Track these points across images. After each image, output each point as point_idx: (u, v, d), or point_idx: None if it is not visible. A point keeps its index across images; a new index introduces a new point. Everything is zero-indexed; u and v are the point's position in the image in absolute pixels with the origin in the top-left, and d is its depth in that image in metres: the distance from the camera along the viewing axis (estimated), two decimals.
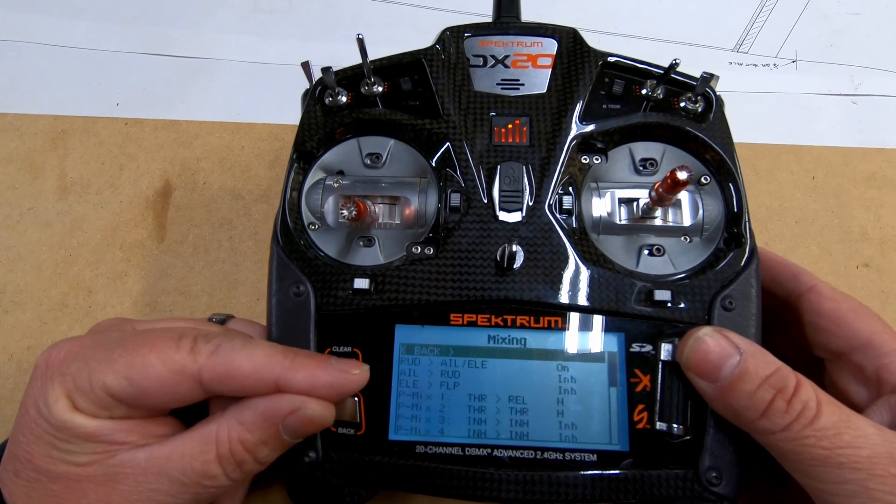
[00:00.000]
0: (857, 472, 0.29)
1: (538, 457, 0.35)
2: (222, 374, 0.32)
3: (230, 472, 0.32)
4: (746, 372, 0.32)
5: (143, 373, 0.31)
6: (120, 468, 0.31)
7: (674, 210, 0.40)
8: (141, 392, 0.31)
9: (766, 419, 0.31)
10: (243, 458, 0.32)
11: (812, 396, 0.31)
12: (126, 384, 0.31)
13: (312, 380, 0.32)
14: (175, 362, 0.31)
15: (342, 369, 0.33)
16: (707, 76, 0.40)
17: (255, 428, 0.32)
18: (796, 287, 0.39)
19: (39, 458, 0.31)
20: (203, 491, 0.32)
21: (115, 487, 0.31)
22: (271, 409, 0.32)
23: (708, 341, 0.33)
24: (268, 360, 0.32)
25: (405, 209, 0.40)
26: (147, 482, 0.31)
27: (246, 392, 0.32)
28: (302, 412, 0.32)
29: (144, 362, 0.31)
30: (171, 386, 0.31)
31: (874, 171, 0.56)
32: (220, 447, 0.32)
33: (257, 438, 0.32)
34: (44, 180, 0.56)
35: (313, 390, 0.32)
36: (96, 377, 0.31)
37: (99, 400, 0.31)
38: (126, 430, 0.32)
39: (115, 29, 0.63)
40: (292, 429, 0.32)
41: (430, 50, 0.43)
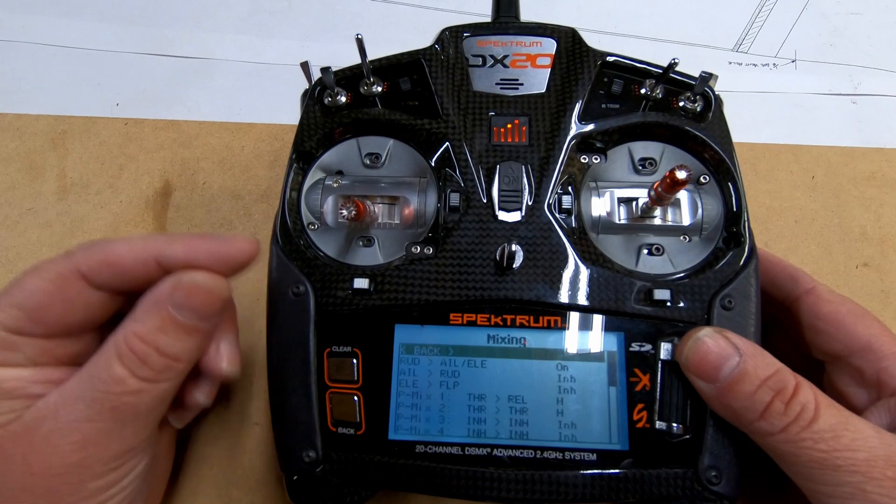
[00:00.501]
0: (854, 474, 0.29)
1: (538, 456, 0.35)
2: (101, 262, 0.31)
3: (136, 370, 0.30)
4: (746, 373, 0.32)
5: (27, 293, 0.30)
6: (37, 414, 0.30)
7: (673, 209, 0.40)
8: (34, 312, 0.30)
9: (764, 420, 0.31)
10: (143, 351, 0.30)
11: (811, 398, 0.31)
12: (16, 312, 0.30)
13: (191, 251, 0.32)
14: (51, 270, 0.31)
15: (225, 239, 0.33)
16: (706, 76, 0.40)
17: (144, 316, 0.31)
18: (795, 290, 0.39)
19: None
20: (118, 402, 0.30)
21: (35, 435, 0.29)
22: (155, 293, 0.31)
23: (707, 342, 0.33)
24: (144, 241, 0.32)
25: (404, 209, 0.40)
26: (65, 415, 0.30)
27: (129, 275, 0.32)
28: (182, 283, 0.31)
29: (23, 286, 0.31)
30: (57, 292, 0.31)
31: (874, 170, 0.56)
32: (118, 348, 0.31)
33: (150, 326, 0.31)
34: (44, 180, 0.56)
35: (194, 261, 0.32)
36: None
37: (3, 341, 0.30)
38: (42, 382, 0.31)
39: (115, 29, 0.63)
40: (183, 304, 0.31)
41: (430, 50, 0.43)
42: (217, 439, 0.47)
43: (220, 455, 0.47)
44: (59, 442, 0.29)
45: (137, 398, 0.31)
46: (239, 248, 0.33)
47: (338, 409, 0.36)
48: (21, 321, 0.30)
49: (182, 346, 0.32)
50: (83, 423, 0.30)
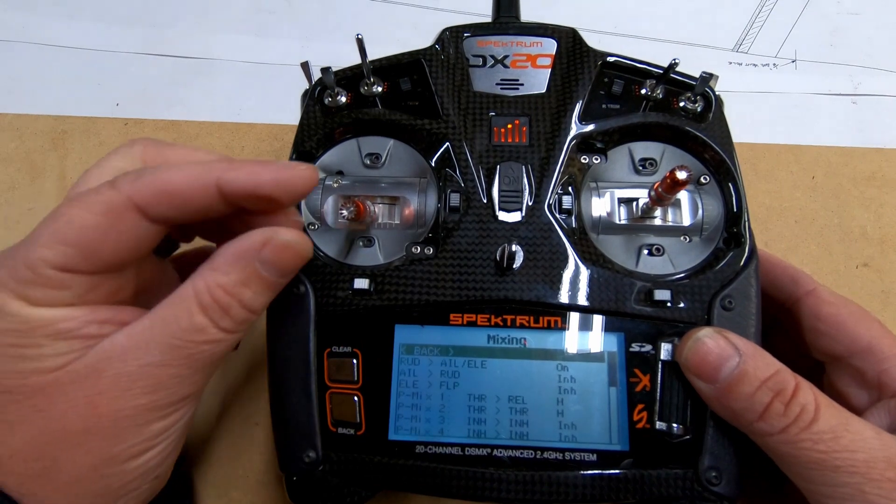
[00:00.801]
0: (854, 475, 0.29)
1: (538, 457, 0.35)
2: (157, 191, 0.29)
3: (218, 321, 0.31)
4: (745, 373, 0.32)
5: (76, 228, 0.28)
6: (102, 355, 0.29)
7: (673, 210, 0.40)
8: (85, 248, 0.29)
9: (763, 421, 0.31)
10: (227, 303, 0.30)
11: (811, 399, 0.31)
12: (66, 248, 0.28)
13: (255, 176, 0.30)
14: (100, 203, 0.29)
15: (285, 165, 0.32)
16: (706, 76, 0.40)
17: (230, 269, 0.31)
18: (795, 291, 0.39)
19: (6, 377, 0.28)
20: (197, 350, 0.30)
21: (102, 377, 0.29)
22: (243, 246, 0.31)
23: (707, 342, 0.33)
24: (202, 166, 0.30)
25: (405, 209, 0.40)
26: (136, 359, 0.29)
27: (189, 205, 0.30)
28: (274, 241, 0.31)
29: (70, 219, 0.28)
30: (109, 228, 0.29)
31: (874, 170, 0.56)
32: (200, 297, 0.30)
33: (235, 279, 0.31)
34: (44, 180, 0.56)
35: (258, 188, 0.31)
36: (31, 259, 0.28)
37: (50, 280, 0.28)
38: (98, 322, 0.30)
39: (115, 29, 0.63)
40: (270, 262, 0.31)
41: (430, 50, 0.43)
42: (217, 439, 0.47)
43: (220, 455, 0.47)
44: (128, 384, 0.29)
45: (215, 347, 0.31)
46: (301, 175, 0.32)
47: (338, 410, 0.36)
48: (71, 258, 0.28)
49: (261, 300, 0.32)
50: (156, 367, 0.29)
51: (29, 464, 0.29)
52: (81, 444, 0.29)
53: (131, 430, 0.30)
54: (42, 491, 0.29)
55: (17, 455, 0.29)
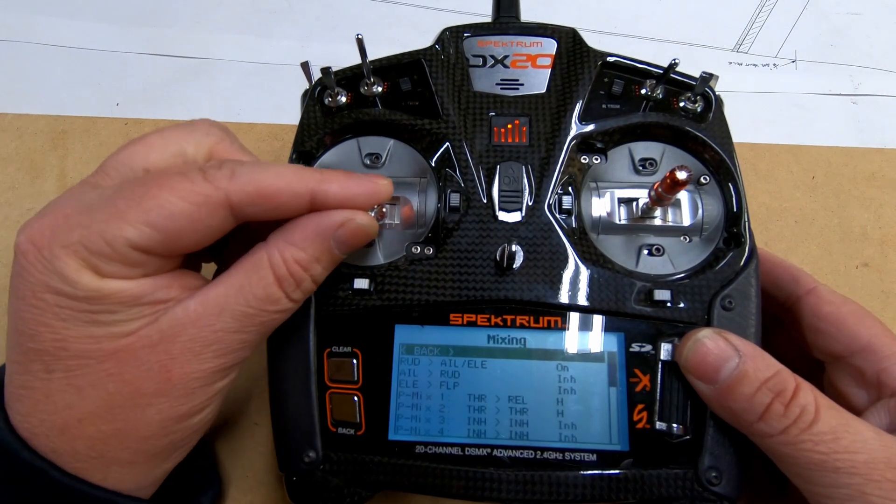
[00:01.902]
0: (854, 476, 0.29)
1: (538, 457, 0.35)
2: (253, 194, 0.30)
3: (291, 293, 0.32)
4: (745, 374, 0.32)
5: (166, 214, 0.29)
6: (174, 321, 0.30)
7: (673, 210, 0.40)
8: (171, 235, 0.29)
9: (763, 422, 0.31)
10: (301, 277, 0.32)
11: (811, 400, 0.31)
12: (151, 231, 0.28)
13: (346, 190, 0.32)
14: (196, 194, 0.29)
15: (371, 179, 0.34)
16: (706, 76, 0.40)
17: (307, 245, 0.32)
18: (796, 290, 0.39)
19: (78, 342, 0.29)
20: (268, 318, 0.32)
21: (175, 342, 0.30)
22: (322, 224, 0.32)
23: (707, 343, 0.33)
24: (298, 175, 0.31)
25: (405, 209, 0.40)
26: (209, 325, 0.30)
27: (280, 210, 0.31)
28: (352, 223, 0.32)
29: (162, 203, 0.29)
30: (201, 219, 0.29)
31: (874, 171, 0.56)
32: (277, 269, 0.31)
33: (311, 255, 0.32)
34: (44, 180, 0.56)
35: (349, 200, 0.32)
36: (112, 235, 0.28)
37: (125, 258, 0.29)
38: (166, 287, 0.31)
39: (115, 29, 0.63)
40: (343, 241, 0.32)
41: (430, 50, 0.43)
42: (217, 439, 0.47)
43: (220, 455, 0.47)
44: (200, 349, 0.30)
45: (283, 316, 0.33)
46: (384, 189, 0.34)
47: (338, 410, 0.36)
48: (154, 242, 0.29)
49: (326, 275, 0.34)
50: (229, 333, 0.31)
51: (100, 426, 0.30)
52: (153, 405, 0.30)
53: (199, 390, 0.31)
54: (112, 452, 0.30)
55: (87, 419, 0.30)
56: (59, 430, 0.30)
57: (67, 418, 0.30)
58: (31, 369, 0.30)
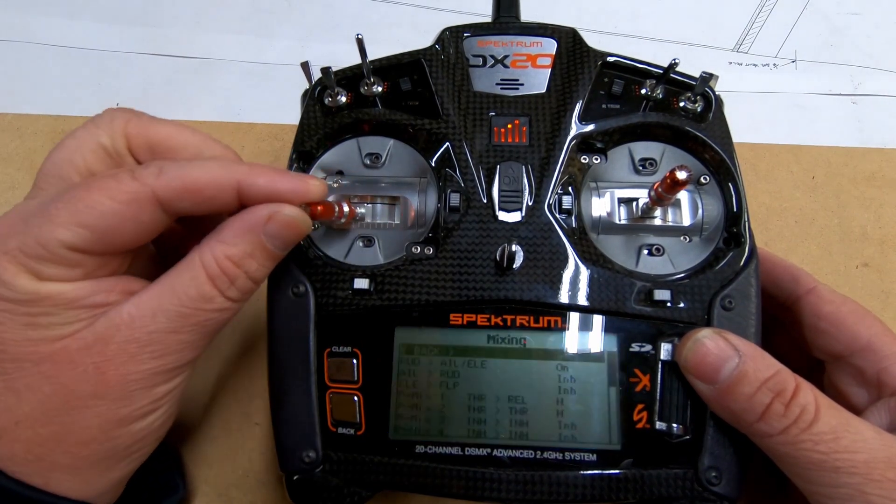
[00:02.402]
0: (854, 476, 0.29)
1: (538, 457, 0.35)
2: (180, 189, 0.31)
3: (225, 291, 0.32)
4: (745, 374, 0.32)
5: (96, 213, 0.29)
6: (109, 324, 0.30)
7: (673, 210, 0.40)
8: (103, 233, 0.30)
9: (763, 422, 0.31)
10: (234, 273, 0.32)
11: (811, 400, 0.31)
12: (84, 231, 0.29)
13: (273, 184, 0.32)
14: (124, 192, 0.30)
15: (301, 177, 0.34)
16: (706, 76, 0.40)
17: (237, 240, 0.32)
18: (796, 289, 0.39)
19: (15, 345, 0.29)
20: (205, 317, 0.32)
21: (110, 344, 0.30)
22: (250, 219, 0.32)
23: (707, 343, 0.33)
24: (225, 168, 0.32)
25: (404, 209, 0.40)
26: (144, 327, 0.30)
27: (209, 203, 0.32)
28: (279, 215, 0.32)
29: (91, 204, 0.29)
30: (131, 217, 0.30)
31: (874, 171, 0.56)
32: (208, 267, 0.31)
33: (242, 250, 0.32)
34: None
35: (275, 195, 0.32)
36: (46, 237, 0.29)
37: (62, 258, 0.29)
38: (106, 291, 0.31)
39: (115, 29, 0.63)
40: (274, 235, 0.32)
41: (430, 50, 0.43)
42: (217, 439, 0.47)
43: (220, 455, 0.47)
44: (136, 350, 0.30)
45: (221, 315, 0.33)
46: (315, 188, 0.34)
47: (338, 410, 0.36)
48: (87, 241, 0.30)
49: (264, 271, 0.34)
50: (165, 334, 0.31)
51: (38, 429, 0.30)
52: (90, 408, 0.30)
53: (138, 393, 0.31)
54: (51, 455, 0.30)
55: (24, 421, 0.30)
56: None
57: (5, 421, 0.30)
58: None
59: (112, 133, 0.35)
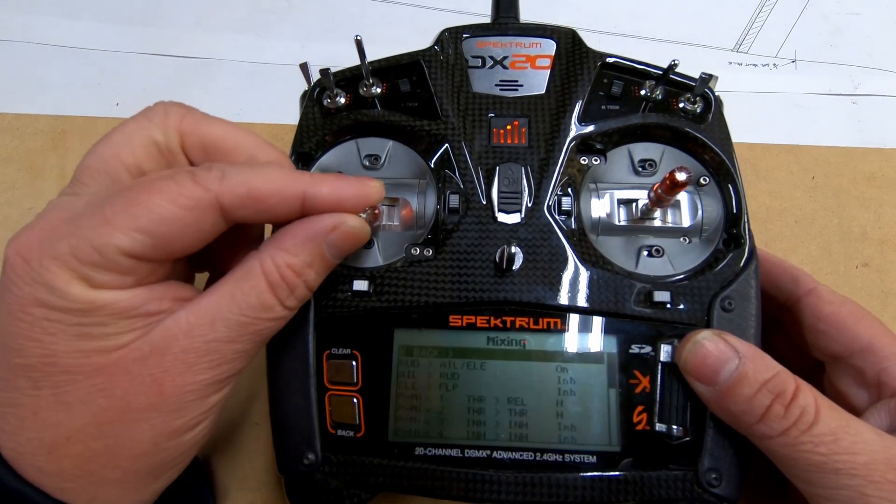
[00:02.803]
0: (854, 477, 0.29)
1: (538, 458, 0.35)
2: (244, 197, 0.30)
3: (285, 300, 0.31)
4: (745, 376, 0.32)
5: (156, 219, 0.28)
6: (166, 333, 0.29)
7: (673, 211, 0.40)
8: (162, 240, 0.28)
9: (763, 424, 0.31)
10: (294, 283, 0.31)
11: (811, 401, 0.31)
12: (142, 237, 0.28)
13: (337, 192, 0.32)
14: (187, 198, 0.28)
15: (362, 181, 0.33)
16: (706, 77, 0.40)
17: (299, 250, 0.31)
18: (796, 290, 0.39)
19: (67, 357, 0.28)
20: (263, 326, 0.31)
21: (167, 354, 0.29)
22: (313, 229, 0.31)
23: (707, 345, 0.33)
24: (288, 177, 0.31)
25: (404, 210, 0.40)
26: (202, 336, 0.29)
27: (271, 212, 0.31)
28: (343, 226, 0.32)
29: (152, 208, 0.28)
30: (192, 223, 0.29)
31: (874, 171, 0.56)
32: (269, 276, 0.31)
33: (303, 260, 0.31)
34: (44, 180, 0.56)
35: (340, 203, 0.32)
36: (102, 242, 0.27)
37: (117, 265, 0.28)
38: (158, 299, 0.30)
39: (115, 29, 0.63)
40: (335, 245, 0.32)
41: (429, 51, 0.43)
42: (217, 439, 0.47)
43: (220, 455, 0.47)
44: (194, 360, 0.29)
45: (278, 324, 0.32)
46: (376, 191, 0.33)
47: (337, 412, 0.36)
48: (145, 247, 0.28)
49: (321, 280, 0.33)
50: (223, 343, 0.30)
51: (89, 444, 0.29)
52: (145, 420, 0.29)
53: (193, 404, 0.30)
54: (101, 470, 0.29)
55: (75, 436, 0.29)
56: (46, 448, 0.29)
57: (55, 436, 0.28)
58: (17, 385, 0.28)
59: (166, 129, 0.33)
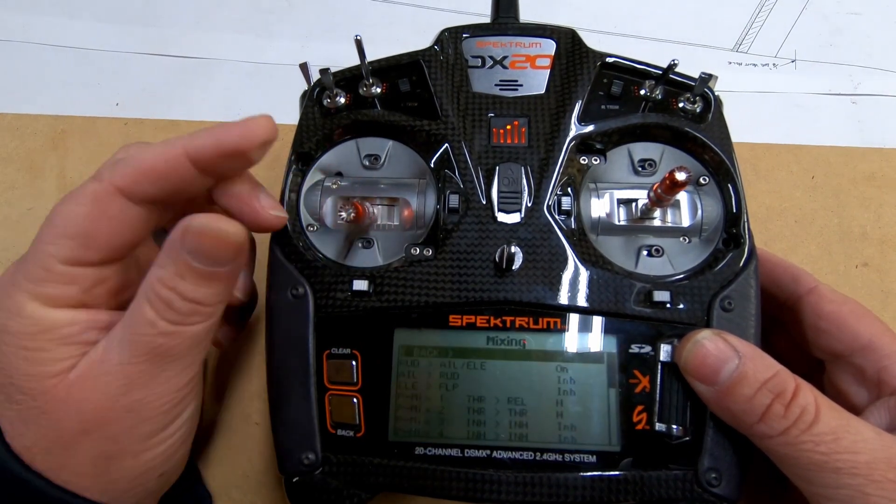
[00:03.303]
0: (855, 477, 0.29)
1: (537, 458, 0.35)
2: (134, 173, 0.31)
3: (164, 314, 0.31)
4: (745, 376, 0.32)
5: (70, 220, 0.31)
6: (90, 361, 0.31)
7: (672, 211, 0.40)
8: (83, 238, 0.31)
9: (764, 423, 0.31)
10: (167, 296, 0.31)
11: (811, 401, 0.31)
12: (66, 241, 0.31)
13: (218, 138, 0.32)
14: (86, 195, 0.31)
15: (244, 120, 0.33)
16: (705, 76, 0.40)
17: (166, 262, 0.31)
18: (796, 289, 0.39)
19: (20, 378, 0.31)
20: (154, 343, 0.31)
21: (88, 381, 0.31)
22: (171, 238, 0.31)
23: (706, 344, 0.33)
24: (168, 143, 0.32)
25: (404, 210, 0.40)
26: (112, 359, 0.31)
27: (169, 181, 0.32)
28: (190, 227, 0.31)
29: (65, 215, 0.31)
30: (100, 215, 0.31)
31: (874, 170, 0.56)
32: (147, 292, 0.31)
33: (170, 272, 0.31)
34: (44, 180, 0.56)
35: (221, 143, 0.32)
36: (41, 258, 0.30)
37: (59, 275, 0.31)
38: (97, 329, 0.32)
39: (115, 29, 0.63)
40: (193, 250, 0.31)
41: (429, 51, 0.43)
42: (217, 439, 0.47)
43: (220, 455, 0.47)
44: (107, 386, 0.31)
45: (170, 340, 0.32)
46: (261, 125, 0.33)
47: (337, 411, 0.36)
48: (73, 249, 0.31)
49: (203, 291, 0.32)
50: (126, 365, 0.31)
51: (42, 456, 0.31)
52: (79, 444, 0.31)
53: (120, 433, 0.32)
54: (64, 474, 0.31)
55: (32, 448, 0.31)
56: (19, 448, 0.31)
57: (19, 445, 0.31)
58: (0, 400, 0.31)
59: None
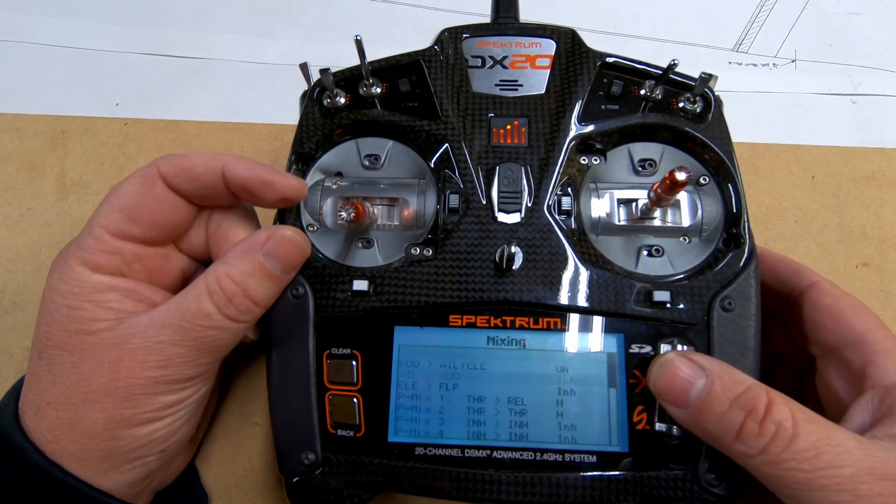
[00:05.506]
0: (842, 493, 0.28)
1: (538, 458, 0.36)
2: (179, 167, 0.36)
3: (223, 308, 0.34)
4: (714, 394, 0.31)
5: (122, 195, 0.36)
6: (128, 329, 0.34)
7: (673, 211, 0.40)
8: (130, 211, 0.36)
9: (740, 442, 0.31)
10: (232, 291, 0.34)
11: (787, 416, 0.30)
12: (116, 214, 0.35)
13: (251, 172, 0.36)
14: (138, 174, 0.36)
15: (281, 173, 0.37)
16: (705, 76, 0.40)
17: (237, 261, 0.35)
18: (798, 283, 0.39)
19: (57, 334, 0.34)
20: (203, 333, 0.34)
21: (125, 347, 0.34)
22: (250, 241, 0.36)
23: (672, 366, 0.33)
24: (215, 155, 0.37)
25: (404, 210, 0.40)
26: (153, 336, 0.34)
27: (201, 181, 0.36)
28: (277, 235, 0.36)
29: (119, 191, 0.36)
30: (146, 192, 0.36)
31: (874, 170, 0.56)
32: (209, 286, 0.35)
33: (241, 270, 0.35)
34: (43, 180, 0.56)
35: (249, 181, 0.36)
36: (94, 229, 0.35)
37: (106, 245, 0.35)
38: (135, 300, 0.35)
39: (115, 29, 0.63)
40: (271, 252, 0.35)
41: (429, 51, 0.43)
42: (217, 439, 0.47)
43: (220, 455, 0.47)
44: (144, 357, 0.34)
45: (218, 333, 0.35)
46: (288, 184, 0.37)
47: (337, 412, 0.36)
48: (121, 222, 0.35)
49: (264, 291, 0.36)
50: (168, 345, 0.34)
51: (58, 412, 0.34)
52: (99, 402, 0.34)
53: (142, 398, 0.34)
54: (64, 439, 0.34)
55: (52, 404, 0.34)
56: (34, 409, 0.34)
57: (40, 400, 0.34)
58: (31, 356, 0.35)
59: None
